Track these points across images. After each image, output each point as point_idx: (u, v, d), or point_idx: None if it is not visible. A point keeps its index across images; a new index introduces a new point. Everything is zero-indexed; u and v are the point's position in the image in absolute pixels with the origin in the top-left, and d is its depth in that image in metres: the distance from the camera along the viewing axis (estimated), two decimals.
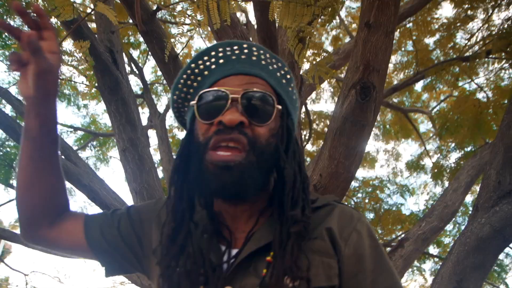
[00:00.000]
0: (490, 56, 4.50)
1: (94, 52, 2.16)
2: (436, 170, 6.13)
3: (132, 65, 5.77)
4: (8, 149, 5.53)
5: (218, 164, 0.69)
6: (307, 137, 6.52)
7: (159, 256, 0.76)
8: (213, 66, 0.78)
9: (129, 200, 6.49)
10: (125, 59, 4.38)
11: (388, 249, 3.45)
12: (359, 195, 7.62)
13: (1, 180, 5.44)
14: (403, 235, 3.25)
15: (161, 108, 6.07)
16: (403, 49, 6.08)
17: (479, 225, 1.87)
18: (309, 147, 7.31)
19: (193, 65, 0.79)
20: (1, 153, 5.46)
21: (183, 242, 0.74)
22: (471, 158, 3.38)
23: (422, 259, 6.34)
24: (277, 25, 2.22)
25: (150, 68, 6.28)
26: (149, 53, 1.87)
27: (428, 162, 7.37)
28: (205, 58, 0.79)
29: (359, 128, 1.69)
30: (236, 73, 0.76)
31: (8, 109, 5.57)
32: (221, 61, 0.78)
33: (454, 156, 6.28)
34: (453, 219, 3.22)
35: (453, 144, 6.04)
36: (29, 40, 0.71)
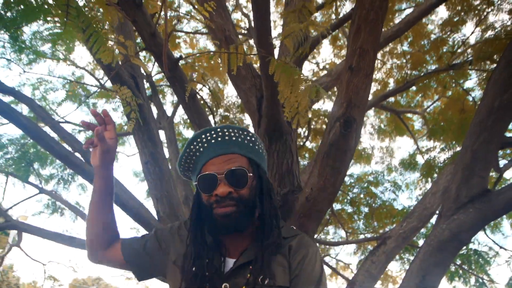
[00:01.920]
0: (470, 67, 4.82)
1: (120, 80, 2.56)
2: (426, 169, 6.50)
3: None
4: (26, 147, 5.89)
5: (222, 215, 1.13)
6: (305, 134, 6.83)
7: (181, 263, 1.21)
8: (201, 149, 1.20)
9: (145, 200, 6.84)
10: None
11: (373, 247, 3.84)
12: (355, 190, 7.96)
13: (21, 177, 5.84)
14: (387, 233, 3.66)
15: (169, 110, 6.32)
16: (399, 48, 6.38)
17: (441, 229, 2.28)
18: (308, 144, 7.53)
19: (188, 149, 1.23)
20: (20, 152, 5.84)
21: (196, 256, 1.18)
22: (449, 164, 3.77)
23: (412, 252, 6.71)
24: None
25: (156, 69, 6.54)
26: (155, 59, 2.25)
27: (421, 160, 7.63)
28: (194, 143, 1.21)
29: (342, 153, 2.10)
30: (217, 155, 1.17)
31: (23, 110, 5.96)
32: (205, 145, 1.19)
33: (444, 156, 6.59)
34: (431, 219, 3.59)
35: (442, 145, 6.38)
36: (97, 132, 1.17)
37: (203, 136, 1.19)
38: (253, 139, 1.22)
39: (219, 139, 1.18)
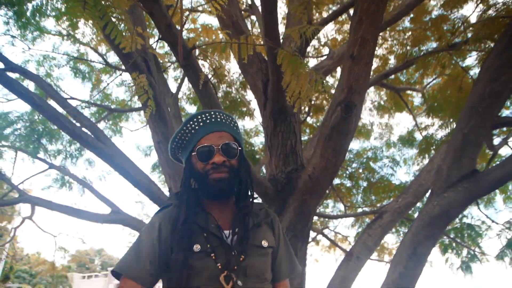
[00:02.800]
0: (469, 47, 4.89)
1: (133, 64, 2.70)
2: (423, 145, 6.64)
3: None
4: (35, 124, 6.03)
5: (217, 179, 1.36)
6: (307, 111, 6.95)
7: (178, 226, 1.36)
8: (197, 127, 1.41)
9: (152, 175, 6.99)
10: None
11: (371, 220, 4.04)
12: (354, 165, 8.14)
13: (30, 153, 6.00)
14: (383, 208, 3.87)
15: (173, 87, 6.39)
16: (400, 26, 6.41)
17: (432, 206, 2.47)
18: (308, 119, 7.63)
19: (184, 127, 1.43)
20: (29, 128, 5.98)
21: (191, 220, 1.37)
22: (445, 143, 3.93)
23: (407, 226, 6.93)
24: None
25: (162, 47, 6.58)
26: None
27: (419, 136, 7.73)
28: (191, 122, 1.42)
29: (343, 135, 2.27)
30: (212, 131, 1.40)
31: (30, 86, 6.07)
32: (201, 124, 1.42)
33: (442, 133, 6.68)
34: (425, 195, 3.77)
35: (440, 123, 6.49)
36: None
37: (199, 117, 1.43)
38: (236, 124, 1.51)
39: (213, 120, 1.43)
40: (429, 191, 3.42)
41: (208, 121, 1.42)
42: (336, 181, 7.73)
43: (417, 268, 2.55)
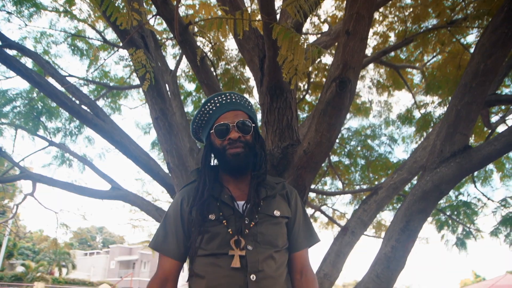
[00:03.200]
0: (468, 24, 4.87)
1: (130, 40, 2.71)
2: (421, 123, 6.67)
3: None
4: (34, 101, 6.04)
5: (233, 154, 1.50)
6: (305, 88, 6.95)
7: (197, 199, 1.51)
8: (214, 108, 1.55)
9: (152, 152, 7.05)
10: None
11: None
12: (352, 143, 8.19)
13: (30, 130, 6.04)
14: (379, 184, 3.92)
15: (170, 62, 6.37)
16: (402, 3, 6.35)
17: (425, 181, 2.52)
18: (307, 97, 7.62)
19: (203, 108, 1.57)
20: (28, 106, 6.00)
21: (208, 193, 1.51)
22: (440, 121, 3.96)
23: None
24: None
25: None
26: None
27: (418, 114, 7.74)
28: (209, 104, 1.56)
29: (337, 110, 2.30)
30: (228, 110, 1.55)
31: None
32: (218, 105, 1.55)
33: (440, 111, 6.69)
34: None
35: (439, 100, 6.50)
36: None
37: (216, 98, 1.56)
38: (250, 103, 1.65)
39: (228, 100, 1.56)
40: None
41: (223, 101, 1.55)
42: (335, 158, 7.80)
43: (409, 241, 2.62)
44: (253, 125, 1.56)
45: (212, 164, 1.62)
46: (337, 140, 7.83)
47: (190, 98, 7.65)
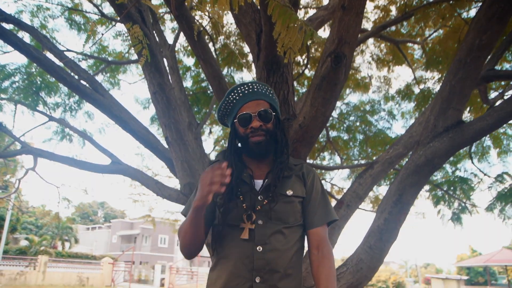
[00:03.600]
0: None
1: (127, 15, 2.70)
2: (420, 98, 6.67)
3: None
4: (33, 76, 6.04)
5: (255, 142, 1.62)
6: (305, 63, 6.91)
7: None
8: (237, 97, 1.64)
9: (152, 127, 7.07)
10: None
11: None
12: (351, 118, 8.20)
13: (29, 106, 6.05)
14: (374, 158, 3.97)
15: (169, 37, 6.31)
16: None
17: (418, 155, 2.57)
18: (306, 72, 7.58)
19: (227, 98, 1.67)
20: (27, 81, 6.00)
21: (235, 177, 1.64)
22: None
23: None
24: None
25: None
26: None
27: (418, 90, 7.71)
28: (232, 93, 1.66)
29: (332, 85, 2.33)
30: (250, 100, 1.63)
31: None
32: (240, 94, 1.64)
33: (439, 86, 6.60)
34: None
35: (438, 76, 6.48)
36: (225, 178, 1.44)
37: (239, 88, 1.66)
38: (272, 91, 1.73)
39: (251, 90, 1.65)
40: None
41: (246, 91, 1.65)
42: (333, 133, 7.84)
43: (401, 214, 2.69)
44: (274, 113, 1.67)
45: (236, 147, 1.75)
46: (336, 115, 7.85)
47: (189, 72, 7.63)
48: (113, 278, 28.40)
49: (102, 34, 6.69)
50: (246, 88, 1.65)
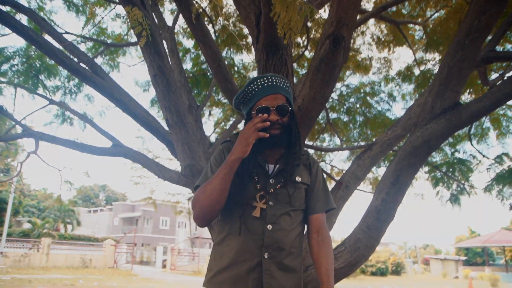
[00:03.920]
0: None
1: None
2: (420, 80, 6.65)
3: None
4: (32, 59, 6.01)
5: (272, 135, 1.67)
6: (305, 44, 6.86)
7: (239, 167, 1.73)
8: (256, 89, 1.71)
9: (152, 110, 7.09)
10: None
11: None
12: (351, 100, 8.20)
13: (29, 89, 6.05)
14: (374, 140, 4.00)
15: (169, 20, 6.26)
16: None
17: (415, 137, 2.60)
18: (307, 53, 7.54)
19: (246, 89, 1.74)
20: (26, 64, 5.98)
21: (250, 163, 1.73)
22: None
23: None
24: None
25: None
26: None
27: (418, 71, 7.67)
28: (251, 85, 1.72)
29: (331, 67, 2.35)
30: (269, 94, 1.71)
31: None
32: (260, 87, 1.71)
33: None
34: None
35: (439, 57, 6.44)
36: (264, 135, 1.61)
37: (259, 80, 1.73)
38: (288, 84, 1.80)
39: (270, 83, 1.72)
40: None
41: (266, 84, 1.71)
42: (333, 115, 7.85)
43: (398, 194, 2.74)
44: (290, 108, 1.75)
45: None
46: (336, 97, 7.85)
47: (188, 55, 7.60)
48: (116, 260, 28.79)
49: (102, 18, 6.62)
50: (266, 81, 1.73)
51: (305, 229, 1.86)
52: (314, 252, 1.76)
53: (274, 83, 1.73)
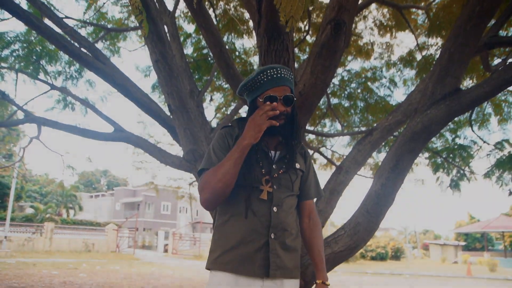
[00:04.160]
0: None
1: None
2: (422, 65, 6.62)
3: None
4: (33, 44, 5.99)
5: (279, 124, 1.73)
6: (306, 29, 6.82)
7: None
8: (265, 79, 1.77)
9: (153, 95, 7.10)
10: None
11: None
12: (353, 85, 8.18)
13: (31, 74, 6.05)
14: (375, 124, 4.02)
15: (170, 5, 6.22)
16: None
17: (415, 123, 2.62)
18: (308, 38, 7.48)
19: (256, 78, 1.79)
20: (27, 49, 5.96)
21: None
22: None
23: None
24: None
25: None
26: None
27: (420, 57, 7.61)
28: (262, 75, 1.78)
29: (332, 53, 2.36)
30: (277, 85, 1.78)
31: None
32: (269, 77, 1.78)
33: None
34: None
35: (441, 42, 6.39)
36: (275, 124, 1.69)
37: (268, 71, 1.79)
38: (293, 76, 1.89)
39: (279, 75, 1.79)
40: None
41: (275, 75, 1.78)
42: (334, 101, 7.84)
43: (397, 179, 2.77)
44: (294, 99, 1.83)
45: None
46: (337, 82, 7.83)
47: (189, 39, 7.56)
48: (118, 244, 29.10)
49: (104, 3, 6.58)
50: (275, 72, 1.80)
51: None
52: (306, 235, 1.90)
53: (283, 75, 1.81)
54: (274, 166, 1.81)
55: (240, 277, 1.68)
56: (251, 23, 6.82)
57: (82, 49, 4.02)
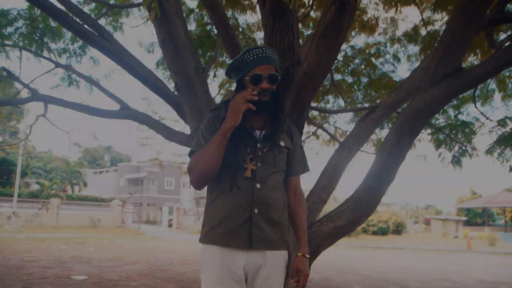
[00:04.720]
0: None
1: None
2: (427, 41, 6.58)
3: None
4: (36, 22, 5.98)
5: (263, 101, 1.84)
6: (310, 3, 6.75)
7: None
8: (251, 58, 1.85)
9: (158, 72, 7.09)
10: None
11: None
12: (356, 61, 8.14)
13: (35, 52, 6.07)
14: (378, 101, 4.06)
15: None
16: None
17: (417, 101, 2.67)
18: (312, 13, 7.40)
19: (241, 57, 1.88)
20: (30, 27, 5.96)
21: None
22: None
23: None
24: None
25: None
26: None
27: (425, 33, 7.54)
28: (247, 54, 1.86)
29: (336, 33, 2.40)
30: (263, 64, 1.86)
31: None
32: (255, 56, 1.85)
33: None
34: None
35: (446, 18, 6.33)
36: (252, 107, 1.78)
37: (255, 50, 1.88)
38: (277, 56, 1.97)
39: (264, 54, 1.87)
40: None
41: (260, 55, 1.86)
42: (338, 77, 7.83)
43: (399, 156, 2.85)
44: (279, 77, 1.91)
45: None
46: (341, 58, 7.81)
47: (192, 15, 7.51)
48: (123, 219, 29.58)
49: None
50: (261, 51, 1.88)
51: None
52: (291, 209, 2.01)
53: (268, 54, 1.88)
54: (258, 145, 1.88)
55: (227, 249, 1.81)
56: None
57: (86, 26, 4.03)
